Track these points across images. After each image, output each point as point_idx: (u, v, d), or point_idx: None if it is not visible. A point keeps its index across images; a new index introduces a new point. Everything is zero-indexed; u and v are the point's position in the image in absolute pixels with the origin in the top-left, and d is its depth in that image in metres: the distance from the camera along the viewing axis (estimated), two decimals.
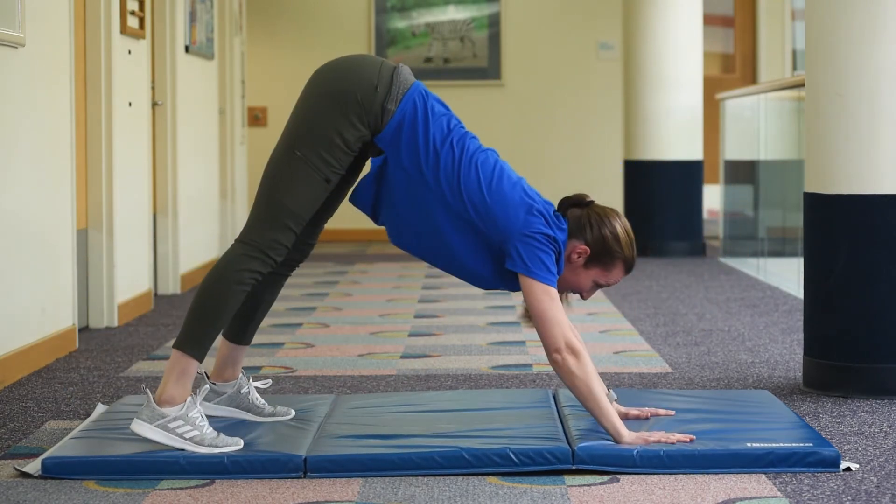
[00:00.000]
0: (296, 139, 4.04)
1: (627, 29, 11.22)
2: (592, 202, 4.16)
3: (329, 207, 4.19)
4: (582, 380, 3.92)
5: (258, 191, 4.06)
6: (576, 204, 4.14)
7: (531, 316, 3.99)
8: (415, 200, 4.05)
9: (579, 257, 4.06)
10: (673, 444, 3.89)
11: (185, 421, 3.92)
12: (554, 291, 3.97)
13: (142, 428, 3.93)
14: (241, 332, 4.30)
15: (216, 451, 3.89)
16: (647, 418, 4.26)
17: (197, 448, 3.89)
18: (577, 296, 4.18)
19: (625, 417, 4.21)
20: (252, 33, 12.92)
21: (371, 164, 4.14)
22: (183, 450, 3.89)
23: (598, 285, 4.11)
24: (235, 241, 4.05)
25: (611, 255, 4.06)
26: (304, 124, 4.08)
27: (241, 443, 3.95)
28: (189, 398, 3.96)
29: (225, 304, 3.98)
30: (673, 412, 4.29)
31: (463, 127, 4.24)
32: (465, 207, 4.05)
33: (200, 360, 3.99)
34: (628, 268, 4.09)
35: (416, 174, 4.05)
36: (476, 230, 4.04)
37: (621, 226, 4.08)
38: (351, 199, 4.13)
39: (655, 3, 10.98)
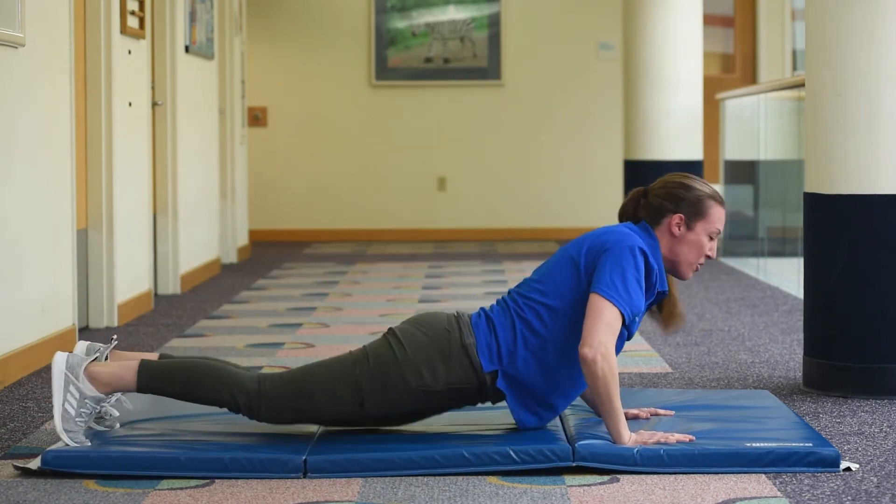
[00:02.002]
0: None
1: (627, 29, 11.22)
2: (646, 188, 4.20)
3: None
4: (604, 383, 3.90)
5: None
6: (638, 203, 4.17)
7: (587, 310, 3.97)
8: None
9: (679, 227, 4.10)
10: (673, 444, 3.90)
11: (79, 396, 3.99)
12: (615, 314, 3.95)
13: (60, 358, 4.02)
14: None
15: (64, 434, 3.95)
16: (647, 418, 4.27)
17: (58, 418, 3.96)
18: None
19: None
20: (252, 33, 12.92)
21: None
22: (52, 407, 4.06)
23: (710, 237, 4.12)
24: (257, 376, 4.07)
25: (699, 202, 4.11)
26: None
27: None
28: (100, 395, 4.02)
29: (197, 388, 4.05)
30: (672, 412, 4.29)
31: None
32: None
33: (138, 390, 4.06)
34: (719, 200, 4.14)
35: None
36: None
37: (679, 176, 4.16)
38: None
39: (655, 3, 10.98)
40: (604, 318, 3.91)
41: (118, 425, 4.23)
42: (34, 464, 3.86)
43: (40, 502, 3.59)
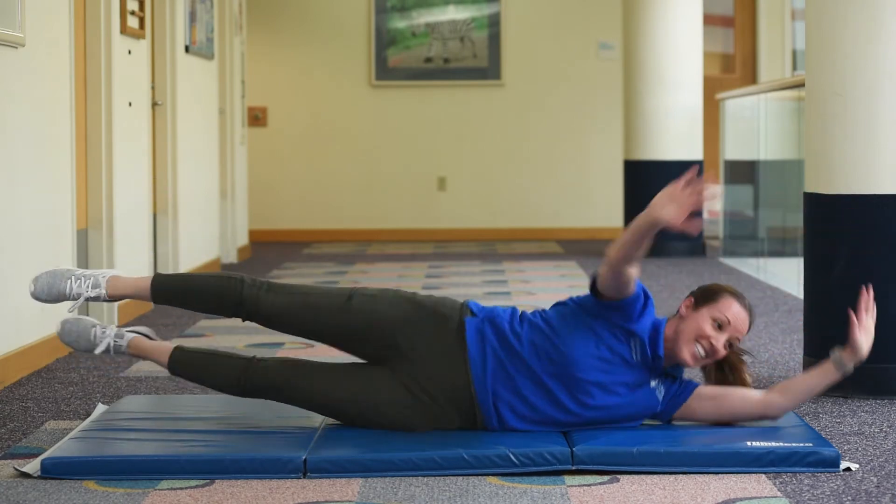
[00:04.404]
0: None
1: (627, 29, 11.22)
2: None
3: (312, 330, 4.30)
4: (614, 250, 4.00)
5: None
6: None
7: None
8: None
9: (687, 307, 4.15)
10: (702, 195, 3.87)
11: (91, 281, 4.28)
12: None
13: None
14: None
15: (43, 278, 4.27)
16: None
17: (76, 279, 4.26)
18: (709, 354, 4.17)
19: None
20: (252, 33, 12.92)
21: None
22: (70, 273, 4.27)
23: (717, 324, 4.11)
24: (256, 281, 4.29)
25: (712, 290, 4.17)
26: None
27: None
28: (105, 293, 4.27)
29: (209, 277, 4.32)
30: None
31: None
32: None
33: (152, 287, 4.26)
34: (738, 296, 4.16)
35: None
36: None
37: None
38: None
39: (655, 3, 10.98)
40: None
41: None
42: (31, 468, 3.85)
43: (40, 502, 3.59)
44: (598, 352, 4.06)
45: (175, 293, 4.29)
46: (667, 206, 3.93)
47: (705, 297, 4.16)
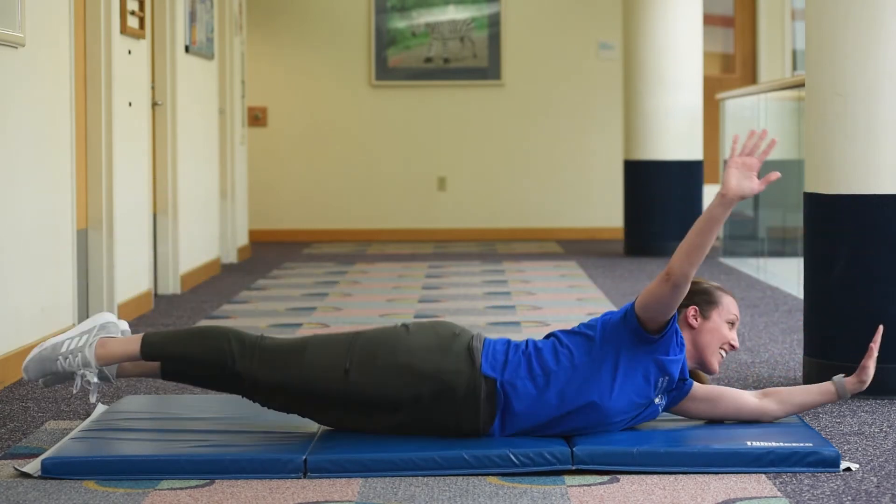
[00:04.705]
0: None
1: (627, 29, 11.22)
2: None
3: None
4: (681, 253, 3.86)
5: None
6: None
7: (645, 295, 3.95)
8: None
9: (696, 318, 4.13)
10: (765, 151, 3.83)
11: (80, 357, 4.10)
12: None
13: (105, 318, 4.17)
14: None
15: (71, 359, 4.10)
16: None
17: (60, 349, 4.11)
18: (727, 350, 4.19)
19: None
20: (252, 33, 12.92)
21: None
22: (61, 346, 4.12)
23: (729, 323, 4.15)
24: (262, 334, 4.12)
25: (709, 293, 4.16)
26: None
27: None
28: (99, 368, 4.12)
29: (199, 339, 4.08)
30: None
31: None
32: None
33: (142, 349, 4.10)
34: (726, 291, 4.20)
35: None
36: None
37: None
38: None
39: (655, 3, 10.98)
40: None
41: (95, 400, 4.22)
42: (31, 468, 3.85)
43: (40, 502, 3.58)
44: (634, 400, 4.00)
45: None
46: (743, 180, 3.86)
47: (708, 302, 4.15)
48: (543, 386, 3.95)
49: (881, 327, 4.29)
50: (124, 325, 4.21)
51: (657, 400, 4.06)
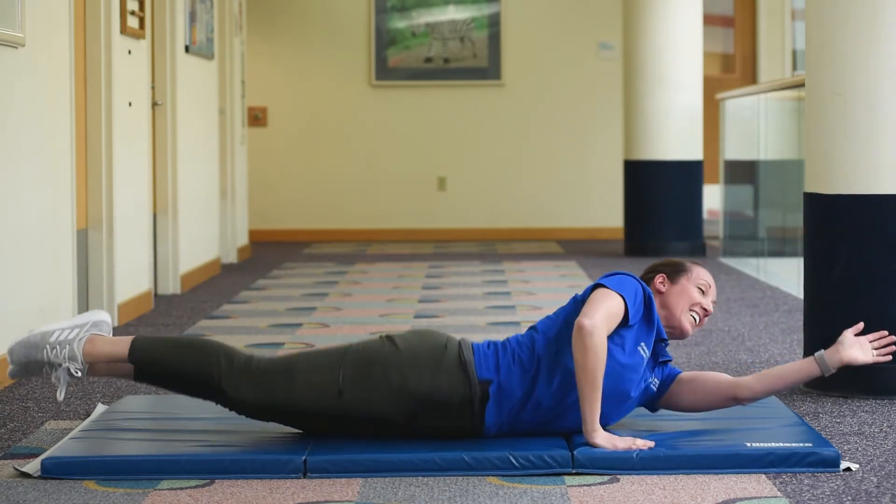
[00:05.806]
0: None
1: (627, 29, 11.22)
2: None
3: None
4: (593, 358, 3.85)
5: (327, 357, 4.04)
6: None
7: (589, 299, 3.98)
8: None
9: (663, 283, 4.17)
10: (640, 448, 3.86)
11: (67, 350, 4.07)
12: (618, 301, 3.96)
13: (101, 316, 4.14)
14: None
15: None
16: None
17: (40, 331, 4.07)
18: (703, 318, 4.21)
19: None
20: (252, 33, 12.92)
21: None
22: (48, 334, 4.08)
23: (699, 290, 4.16)
24: (252, 353, 4.10)
25: (678, 263, 4.23)
26: None
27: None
28: (83, 365, 4.08)
29: (188, 353, 4.06)
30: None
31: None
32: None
33: (130, 355, 4.07)
34: (699, 264, 4.25)
35: None
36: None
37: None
38: None
39: (655, 3, 10.98)
40: (606, 303, 3.93)
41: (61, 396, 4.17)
42: (31, 468, 3.85)
43: (40, 502, 3.59)
44: (633, 348, 4.05)
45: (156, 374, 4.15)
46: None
47: (677, 270, 4.19)
48: (534, 372, 3.98)
49: (861, 324, 4.33)
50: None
51: (650, 380, 4.10)
